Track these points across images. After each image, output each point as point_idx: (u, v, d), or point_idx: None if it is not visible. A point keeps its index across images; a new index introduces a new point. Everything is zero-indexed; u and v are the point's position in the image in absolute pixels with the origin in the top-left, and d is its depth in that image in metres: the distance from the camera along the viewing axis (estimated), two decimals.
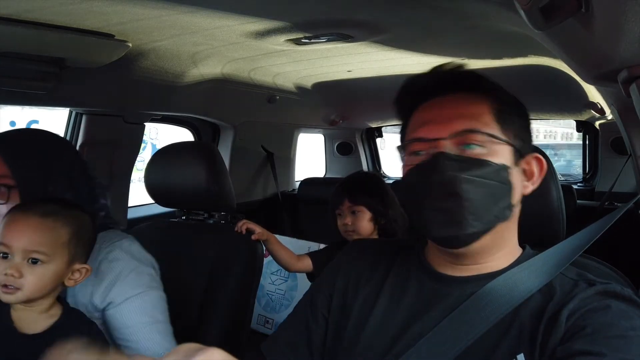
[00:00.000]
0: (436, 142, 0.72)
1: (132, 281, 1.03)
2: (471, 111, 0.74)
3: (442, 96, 0.77)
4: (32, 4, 1.06)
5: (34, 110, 3.59)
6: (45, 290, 0.89)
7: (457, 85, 0.77)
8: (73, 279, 0.93)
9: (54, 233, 0.89)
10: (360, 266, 0.87)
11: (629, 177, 2.68)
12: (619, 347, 0.60)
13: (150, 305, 1.04)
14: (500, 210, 0.72)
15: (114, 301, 1.01)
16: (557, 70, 1.87)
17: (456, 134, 0.72)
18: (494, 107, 0.75)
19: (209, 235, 1.52)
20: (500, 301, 0.70)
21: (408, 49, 1.69)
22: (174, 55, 1.62)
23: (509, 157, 0.73)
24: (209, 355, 0.41)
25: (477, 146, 0.71)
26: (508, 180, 0.72)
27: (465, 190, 0.69)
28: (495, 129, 0.73)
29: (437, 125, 0.73)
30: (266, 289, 2.42)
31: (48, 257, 0.88)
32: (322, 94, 2.65)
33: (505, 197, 0.72)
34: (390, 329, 0.76)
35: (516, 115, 0.77)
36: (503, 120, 0.74)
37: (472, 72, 0.79)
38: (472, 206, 0.69)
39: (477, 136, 0.71)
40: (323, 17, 1.31)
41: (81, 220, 0.95)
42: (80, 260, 0.94)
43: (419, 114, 0.78)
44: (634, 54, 0.57)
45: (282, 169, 3.11)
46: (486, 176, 0.70)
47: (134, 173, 2.10)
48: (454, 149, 0.72)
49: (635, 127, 1.36)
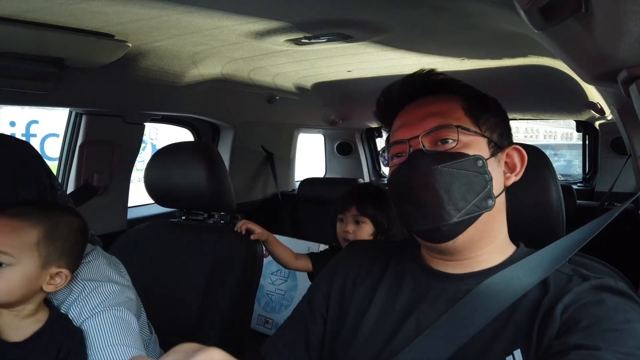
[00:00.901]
0: (412, 141, 0.76)
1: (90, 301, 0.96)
2: (442, 109, 0.77)
3: (415, 101, 0.82)
4: (32, 4, 1.06)
5: (34, 110, 3.59)
6: (17, 295, 0.85)
7: (429, 89, 0.82)
8: (53, 284, 0.89)
9: (20, 234, 0.85)
10: (357, 265, 0.88)
11: (629, 177, 2.68)
12: (615, 340, 0.60)
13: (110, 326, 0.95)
14: (480, 200, 0.73)
15: (74, 320, 0.95)
16: (557, 71, 1.87)
17: (429, 131, 0.75)
18: (465, 104, 0.78)
19: (209, 236, 1.52)
20: (496, 298, 0.70)
21: (408, 49, 1.69)
22: (173, 55, 1.62)
23: (484, 149, 0.76)
24: (208, 355, 0.41)
25: (451, 140, 0.74)
26: (485, 170, 0.74)
27: (440, 181, 0.72)
28: (467, 123, 0.76)
29: (411, 126, 0.77)
30: (266, 289, 2.42)
31: (14, 258, 0.84)
32: (322, 94, 2.65)
33: (485, 187, 0.74)
34: (386, 325, 0.77)
35: (488, 111, 0.79)
36: (475, 116, 0.77)
37: (442, 75, 0.83)
38: (449, 196, 0.72)
39: (449, 131, 0.74)
40: (323, 17, 1.31)
41: (55, 221, 0.90)
42: (57, 263, 0.89)
43: (397, 121, 0.83)
44: (633, 54, 0.57)
45: (282, 169, 3.11)
46: (461, 167, 0.73)
47: (134, 173, 2.10)
48: (430, 145, 0.75)
49: (635, 127, 1.36)
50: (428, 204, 0.73)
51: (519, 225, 0.82)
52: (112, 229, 1.95)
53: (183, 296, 1.44)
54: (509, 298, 0.70)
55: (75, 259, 0.95)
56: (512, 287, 0.71)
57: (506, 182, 0.78)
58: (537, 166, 0.85)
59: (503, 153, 0.79)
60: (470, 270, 0.77)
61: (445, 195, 0.72)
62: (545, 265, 0.73)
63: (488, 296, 0.71)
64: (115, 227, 1.99)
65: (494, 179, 0.75)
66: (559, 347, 0.62)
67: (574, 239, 0.77)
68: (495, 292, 0.71)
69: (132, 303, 1.04)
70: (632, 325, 0.62)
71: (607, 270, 0.82)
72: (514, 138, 0.83)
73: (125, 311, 0.97)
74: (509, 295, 0.70)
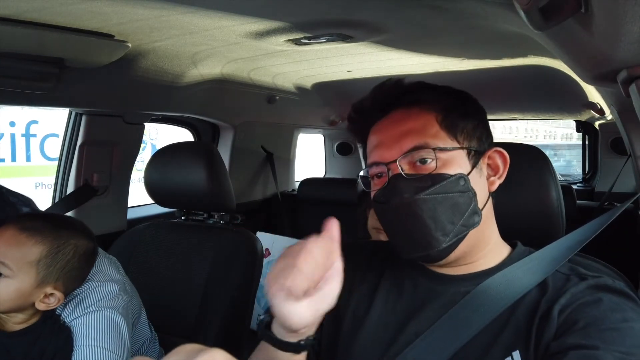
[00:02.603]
0: (390, 164, 0.73)
1: (87, 298, 0.97)
2: (417, 126, 0.74)
3: (387, 114, 0.78)
4: (32, 4, 1.06)
5: (33, 110, 3.59)
6: (7, 306, 0.86)
7: (400, 101, 0.78)
8: (45, 303, 0.89)
9: (23, 249, 0.86)
10: (352, 268, 0.86)
11: (629, 178, 2.68)
12: (613, 339, 0.60)
13: (99, 327, 0.96)
14: (467, 218, 0.72)
15: (67, 317, 0.96)
16: (556, 71, 1.87)
17: (407, 153, 0.72)
18: (439, 116, 0.75)
19: (209, 236, 1.52)
20: (496, 299, 0.70)
21: (408, 49, 1.69)
22: (173, 55, 1.62)
23: (465, 162, 0.74)
24: (211, 356, 0.41)
25: (429, 159, 0.72)
26: (468, 188, 0.72)
27: (425, 210, 0.70)
28: (444, 138, 0.73)
29: (387, 147, 0.75)
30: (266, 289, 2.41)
31: (12, 271, 0.84)
32: (322, 94, 2.65)
33: (470, 205, 0.72)
34: (387, 330, 0.76)
35: (465, 117, 0.76)
36: (451, 126, 0.74)
37: (413, 84, 0.80)
38: (436, 223, 0.70)
39: (427, 152, 0.72)
40: (323, 17, 1.31)
41: (62, 242, 0.90)
42: (53, 284, 0.89)
43: (371, 137, 0.79)
44: (633, 54, 0.57)
45: (282, 169, 3.11)
46: (444, 190, 0.71)
47: (134, 173, 2.10)
48: (408, 168, 0.73)
49: (634, 128, 1.36)
50: (415, 233, 0.72)
51: (518, 225, 0.82)
52: (111, 229, 1.95)
53: (183, 296, 1.44)
54: (509, 299, 0.70)
55: (75, 282, 0.94)
56: (511, 287, 0.71)
57: (491, 188, 0.77)
58: (537, 166, 0.85)
59: (484, 157, 0.77)
60: (469, 272, 0.76)
61: (432, 223, 0.70)
62: (544, 266, 0.73)
63: (488, 297, 0.71)
64: (115, 227, 1.99)
65: (478, 193, 0.73)
66: (557, 347, 0.62)
67: (573, 239, 0.76)
68: (495, 293, 0.71)
69: (127, 306, 1.04)
70: (630, 324, 0.62)
71: (607, 270, 0.81)
72: (514, 138, 0.84)
73: (119, 316, 0.97)
74: (508, 295, 0.70)
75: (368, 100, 0.81)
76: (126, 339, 0.98)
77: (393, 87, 0.79)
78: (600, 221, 0.77)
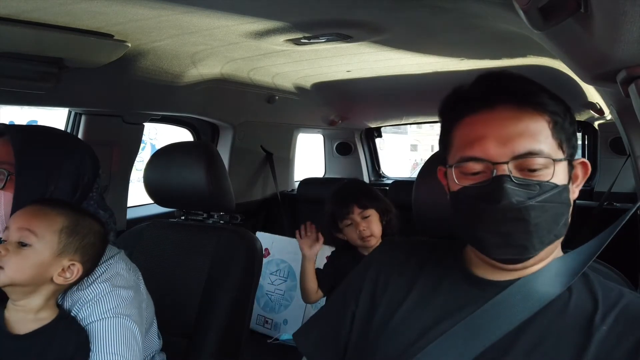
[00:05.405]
0: (498, 165, 0.69)
1: (103, 304, 0.97)
2: (531, 129, 0.70)
3: (491, 107, 0.72)
4: (32, 4, 1.06)
5: (33, 110, 3.59)
6: (26, 276, 0.88)
7: (509, 95, 0.72)
8: (63, 277, 0.92)
9: (48, 217, 0.92)
10: (392, 262, 0.87)
11: (628, 178, 2.68)
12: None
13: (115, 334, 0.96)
14: (559, 229, 0.72)
15: (83, 320, 0.96)
16: (556, 71, 1.87)
17: (519, 157, 0.68)
18: (551, 121, 0.71)
19: (208, 236, 1.51)
20: (519, 307, 0.71)
21: (407, 49, 1.69)
22: (173, 55, 1.62)
23: (565, 172, 0.72)
24: None
25: (540, 168, 0.69)
26: (569, 199, 0.72)
27: (533, 216, 0.68)
28: (554, 146, 0.70)
29: (496, 145, 0.69)
30: (265, 289, 2.42)
31: (37, 238, 0.89)
32: (322, 94, 2.65)
33: (565, 216, 0.72)
34: (416, 325, 0.76)
35: (570, 125, 0.73)
36: (559, 134, 0.71)
37: (522, 78, 0.75)
38: (537, 230, 0.69)
39: (541, 159, 0.69)
40: (322, 17, 1.31)
41: (78, 218, 0.96)
42: (71, 256, 0.93)
43: (470, 128, 0.73)
44: (632, 54, 0.57)
45: (282, 169, 3.11)
46: (552, 199, 0.69)
47: (134, 173, 2.10)
48: (518, 173, 0.69)
49: (634, 128, 1.36)
50: (514, 236, 0.69)
51: None
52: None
53: (182, 296, 1.44)
54: (527, 310, 0.70)
55: (91, 258, 0.97)
56: (534, 296, 0.71)
57: (572, 197, 0.75)
58: None
59: (575, 169, 0.75)
60: (515, 277, 0.75)
61: (534, 230, 0.68)
62: (568, 275, 0.73)
63: (509, 304, 0.71)
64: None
65: (571, 205, 0.73)
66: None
67: (592, 248, 0.75)
68: (510, 305, 0.71)
69: (142, 313, 1.05)
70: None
71: (612, 275, 0.82)
72: None
73: (133, 324, 0.98)
74: (531, 304, 0.70)
75: (474, 86, 0.76)
76: (140, 347, 0.99)
77: (506, 78, 0.75)
78: (612, 229, 0.76)
